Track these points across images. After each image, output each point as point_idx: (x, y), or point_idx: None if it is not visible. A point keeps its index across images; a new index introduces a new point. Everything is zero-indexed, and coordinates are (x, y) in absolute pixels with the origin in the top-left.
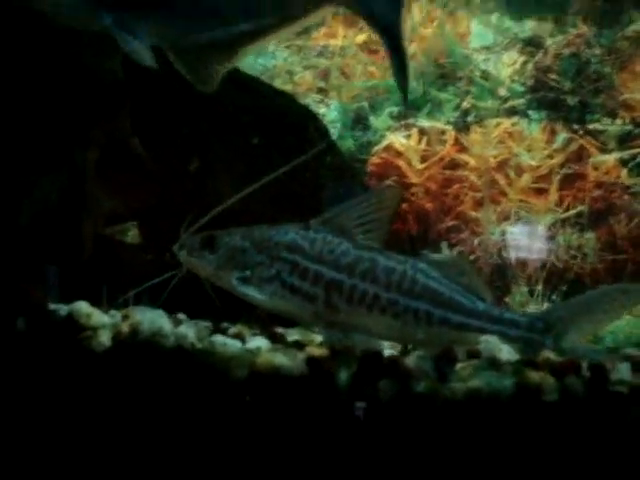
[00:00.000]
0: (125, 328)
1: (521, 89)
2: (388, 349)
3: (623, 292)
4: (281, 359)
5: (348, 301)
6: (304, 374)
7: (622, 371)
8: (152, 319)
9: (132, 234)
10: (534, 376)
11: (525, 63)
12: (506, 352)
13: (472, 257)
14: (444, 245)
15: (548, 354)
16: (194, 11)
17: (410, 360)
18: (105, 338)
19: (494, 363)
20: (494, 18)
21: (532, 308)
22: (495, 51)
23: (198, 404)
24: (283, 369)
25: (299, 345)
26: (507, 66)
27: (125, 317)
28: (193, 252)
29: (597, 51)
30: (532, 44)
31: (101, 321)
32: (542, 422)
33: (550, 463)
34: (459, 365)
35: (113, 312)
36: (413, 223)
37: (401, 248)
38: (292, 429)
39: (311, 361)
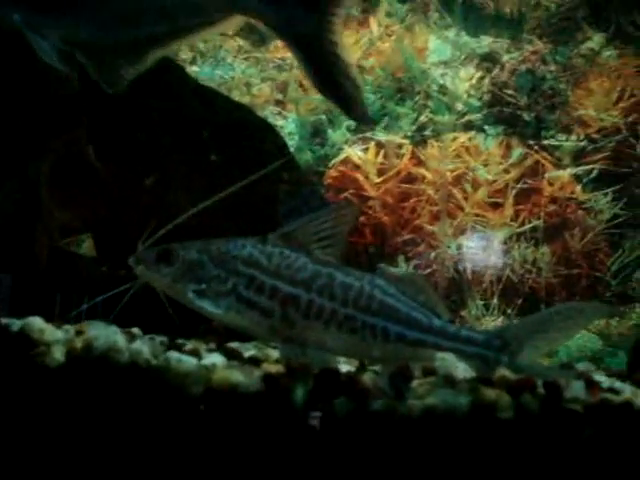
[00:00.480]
0: (79, 344)
1: (478, 104)
2: (345, 365)
3: (578, 311)
4: (237, 376)
5: (305, 316)
6: (260, 391)
7: (576, 389)
8: (107, 335)
9: (86, 246)
10: (490, 394)
11: (482, 78)
12: (462, 370)
13: (428, 271)
14: (401, 258)
15: (504, 372)
16: (101, 14)
17: (367, 377)
18: (59, 354)
19: (450, 381)
20: (452, 33)
21: (488, 321)
22: (452, 66)
23: (153, 421)
24: (239, 386)
25: (255, 361)
26: (464, 81)
27: (79, 332)
28: (149, 265)
29: (552, 67)
30: (489, 60)
31: (55, 336)
32: (497, 439)
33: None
34: (415, 382)
35: (67, 327)
36: (370, 236)
37: (358, 261)
38: (248, 446)
39: (267, 378)
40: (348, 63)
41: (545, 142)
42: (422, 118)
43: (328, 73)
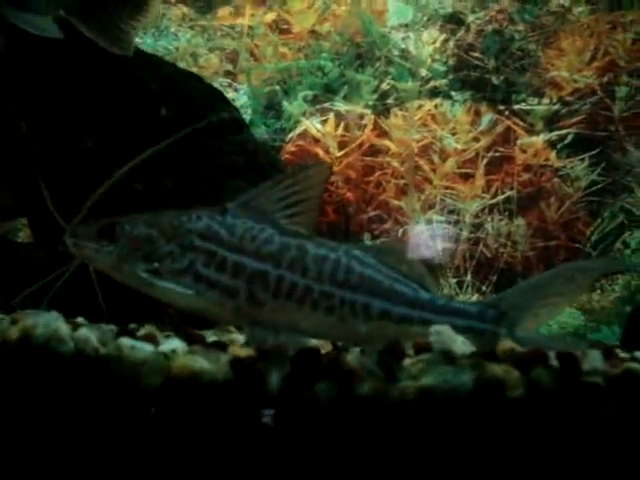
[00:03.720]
0: (14, 333)
1: (443, 69)
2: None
3: (580, 270)
4: (201, 363)
5: (274, 295)
6: (229, 379)
7: (594, 359)
8: (46, 322)
9: (23, 235)
10: (496, 369)
11: (446, 41)
12: (461, 344)
13: None
14: (366, 237)
15: (510, 344)
16: None
17: (351, 358)
18: None
19: (448, 357)
20: None
21: (461, 299)
22: (414, 29)
23: (104, 418)
24: (204, 374)
25: (220, 346)
26: (427, 45)
27: (14, 321)
28: (88, 241)
29: (521, 27)
30: (453, 21)
31: None
32: (507, 421)
33: (519, 469)
34: (408, 361)
35: (1, 316)
36: (333, 214)
37: None
38: (217, 442)
39: (236, 363)
40: None
41: (516, 107)
42: (384, 86)
43: None
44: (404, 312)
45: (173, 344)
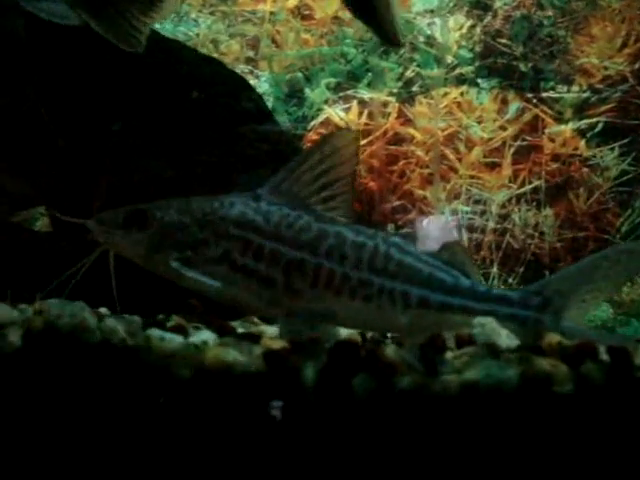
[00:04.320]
0: (39, 324)
1: (469, 55)
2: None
3: (627, 252)
4: (234, 354)
5: (312, 284)
6: (262, 371)
7: None
8: (72, 312)
9: (40, 224)
10: (543, 364)
11: (473, 27)
12: (505, 337)
13: (421, 239)
14: (390, 227)
15: (557, 337)
16: None
17: (390, 350)
18: (15, 337)
19: (493, 350)
20: None
21: None
22: (440, 14)
23: (133, 411)
24: (237, 366)
25: (253, 337)
26: (453, 31)
27: (38, 312)
28: (116, 229)
29: (550, 12)
30: (480, 6)
31: (9, 317)
32: (555, 418)
33: (567, 469)
34: (450, 354)
35: (23, 306)
36: (356, 203)
37: None
38: (251, 436)
39: (270, 355)
40: None
41: (544, 95)
42: (408, 73)
43: None
44: (444, 299)
45: (204, 335)
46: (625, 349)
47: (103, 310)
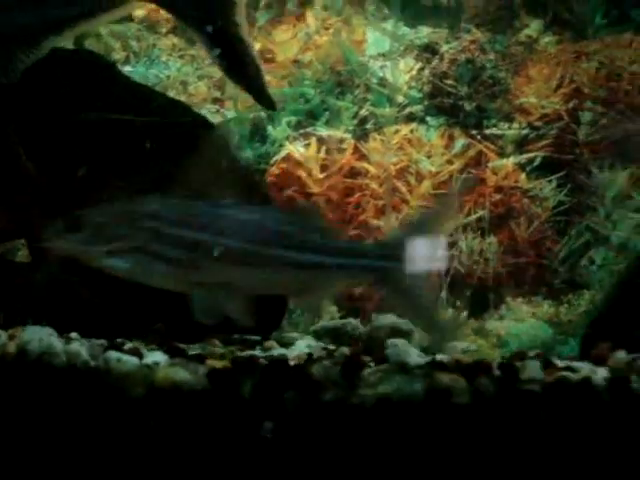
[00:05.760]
0: (11, 349)
1: (418, 95)
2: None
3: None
4: (182, 374)
5: (213, 260)
6: (206, 388)
7: (532, 369)
8: (41, 337)
9: (22, 254)
10: (445, 379)
11: (421, 69)
12: (415, 356)
13: None
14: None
15: (458, 356)
16: None
17: (316, 368)
18: None
19: (403, 367)
20: (389, 25)
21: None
22: (391, 58)
23: (94, 425)
24: (184, 384)
25: (200, 358)
26: (404, 73)
27: (11, 337)
28: (61, 234)
29: (492, 56)
30: (428, 50)
31: None
32: (455, 426)
33: (464, 466)
34: (367, 371)
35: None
36: None
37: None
38: (195, 446)
39: (212, 374)
40: (250, 45)
41: (487, 131)
42: (363, 111)
43: (233, 57)
44: (317, 259)
45: (156, 357)
46: (513, 365)
47: (74, 335)
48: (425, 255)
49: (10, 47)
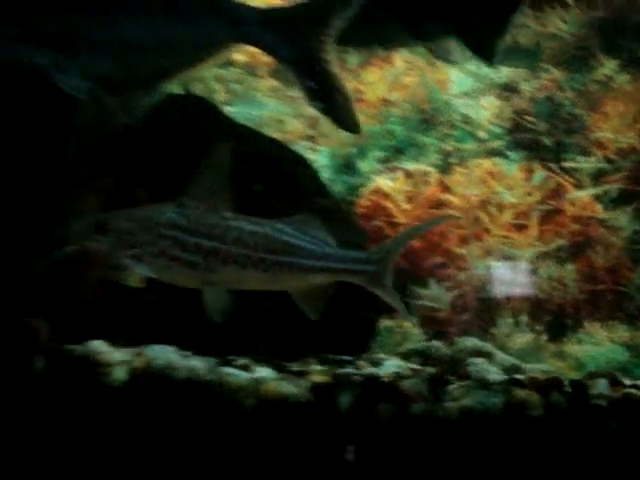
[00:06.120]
0: (138, 364)
1: (500, 131)
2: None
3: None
4: (288, 387)
5: (224, 264)
6: (309, 400)
7: (600, 386)
8: (164, 354)
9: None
10: (521, 394)
11: (502, 107)
12: (494, 373)
13: (459, 291)
14: (432, 281)
15: (533, 374)
16: (118, 50)
17: (406, 383)
18: (121, 373)
19: (484, 383)
20: (472, 66)
21: (517, 338)
22: (474, 96)
23: (209, 431)
24: (290, 397)
25: (302, 373)
26: (486, 110)
27: (138, 354)
28: (88, 235)
29: (569, 94)
30: (508, 89)
31: (115, 358)
32: (530, 436)
33: (537, 471)
34: (451, 386)
35: (125, 350)
36: (402, 260)
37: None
38: (299, 453)
39: (316, 388)
40: (338, 78)
41: (565, 165)
42: (447, 146)
43: (321, 89)
44: (313, 264)
45: (264, 372)
46: (583, 383)
47: (188, 352)
48: (507, 281)
49: (133, 92)
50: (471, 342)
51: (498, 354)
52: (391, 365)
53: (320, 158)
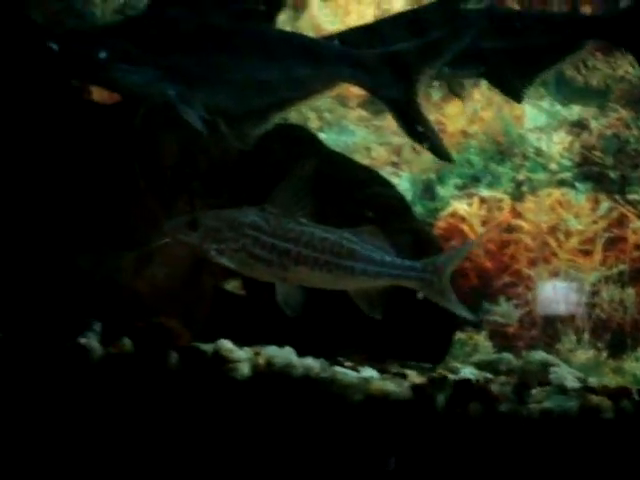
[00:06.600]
0: (261, 361)
1: (569, 164)
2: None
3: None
4: (391, 386)
5: (295, 263)
6: (409, 398)
7: None
8: (283, 354)
9: (232, 285)
10: (594, 399)
11: (572, 142)
12: (571, 380)
13: (526, 309)
14: (502, 299)
15: (605, 383)
16: (239, 86)
17: (495, 386)
18: (246, 369)
19: (562, 389)
20: (545, 103)
21: (580, 354)
22: (546, 131)
23: (322, 424)
24: (392, 394)
25: (402, 375)
26: (557, 144)
27: (257, 353)
28: (181, 230)
29: (635, 132)
30: (578, 126)
31: (241, 356)
32: (602, 436)
33: (609, 466)
34: (534, 390)
35: (246, 349)
36: (475, 279)
37: (464, 301)
38: (401, 445)
39: (415, 388)
40: (426, 116)
41: (629, 197)
42: (520, 176)
43: (417, 124)
44: (376, 270)
45: (368, 372)
46: None
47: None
48: (572, 301)
49: (248, 122)
50: (540, 355)
51: (564, 367)
52: (468, 373)
53: (402, 183)
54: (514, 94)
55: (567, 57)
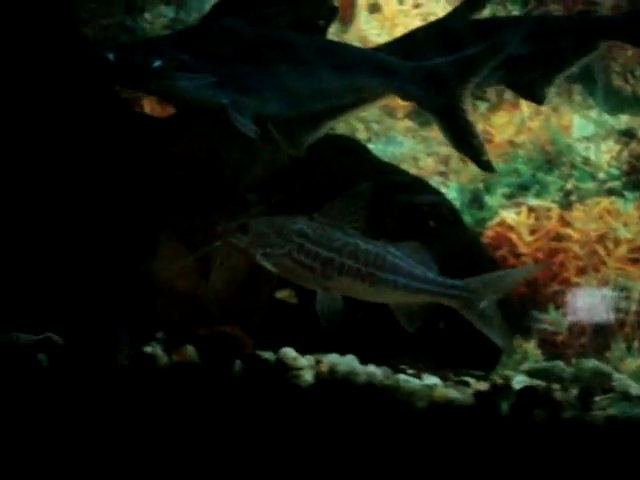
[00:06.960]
0: (323, 369)
1: (617, 173)
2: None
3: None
4: (454, 393)
5: (339, 273)
6: (472, 405)
7: None
8: (346, 361)
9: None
10: None
11: (621, 151)
12: (635, 387)
13: (575, 317)
14: (551, 307)
15: None
16: (291, 95)
17: (558, 393)
18: (309, 377)
19: (626, 396)
20: (593, 113)
21: (630, 362)
22: (594, 141)
23: (387, 430)
24: (455, 401)
25: (464, 383)
26: (605, 153)
27: (318, 361)
28: (234, 233)
29: None
30: (626, 135)
31: (303, 363)
32: None
33: None
34: (598, 397)
35: (307, 356)
36: (524, 287)
37: (512, 309)
38: (465, 453)
39: (478, 395)
40: (474, 125)
41: None
42: (568, 185)
43: (461, 134)
44: (417, 285)
45: (432, 380)
46: None
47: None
48: (621, 309)
49: (301, 129)
50: (592, 363)
51: (616, 375)
52: (521, 381)
53: (450, 192)
54: (534, 97)
55: (583, 58)
